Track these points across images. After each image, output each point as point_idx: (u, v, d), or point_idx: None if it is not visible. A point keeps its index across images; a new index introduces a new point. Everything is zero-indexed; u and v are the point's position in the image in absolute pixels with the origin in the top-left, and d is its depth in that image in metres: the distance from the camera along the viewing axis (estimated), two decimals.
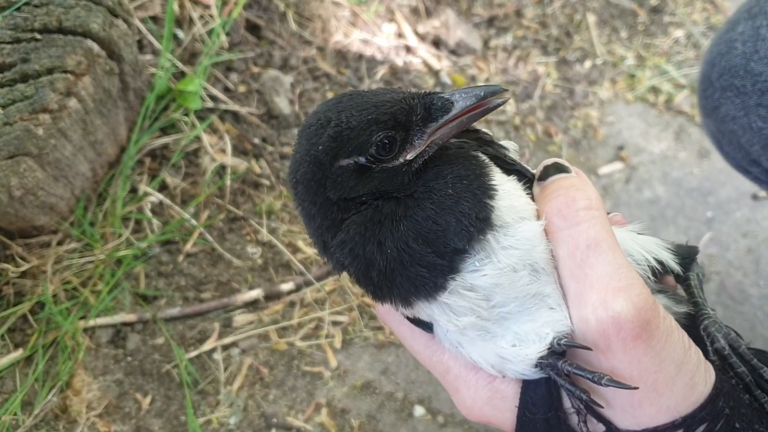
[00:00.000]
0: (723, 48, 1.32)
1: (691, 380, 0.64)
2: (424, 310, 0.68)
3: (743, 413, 0.66)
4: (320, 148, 0.66)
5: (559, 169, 0.73)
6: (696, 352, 0.67)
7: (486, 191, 0.66)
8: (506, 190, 0.69)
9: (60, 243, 1.70)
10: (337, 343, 1.73)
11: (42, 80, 1.42)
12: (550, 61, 2.39)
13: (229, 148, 1.90)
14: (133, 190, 1.80)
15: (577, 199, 0.68)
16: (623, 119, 2.30)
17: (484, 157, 0.71)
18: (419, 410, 1.65)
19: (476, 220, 0.64)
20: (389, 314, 0.77)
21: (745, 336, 0.76)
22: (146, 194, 1.79)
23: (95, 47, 1.49)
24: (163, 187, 1.84)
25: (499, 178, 0.69)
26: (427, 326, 0.74)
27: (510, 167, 0.74)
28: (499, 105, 0.66)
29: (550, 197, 0.69)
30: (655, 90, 2.37)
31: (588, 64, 2.41)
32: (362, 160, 0.66)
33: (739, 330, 0.77)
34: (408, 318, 0.75)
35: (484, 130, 0.78)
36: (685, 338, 0.66)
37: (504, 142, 0.78)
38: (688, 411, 0.64)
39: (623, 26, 2.53)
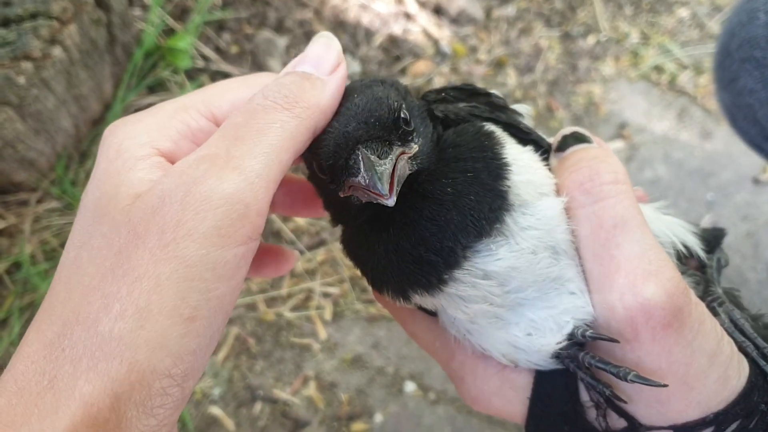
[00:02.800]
0: (744, 18, 1.27)
1: (725, 373, 0.58)
2: (429, 301, 0.62)
3: None
4: None
5: (578, 138, 0.66)
6: (729, 342, 0.60)
7: (500, 172, 0.59)
8: (523, 162, 0.62)
9: (39, 201, 1.62)
10: (327, 315, 1.67)
11: (25, 26, 1.33)
12: (554, 35, 2.33)
13: None
14: None
15: (602, 173, 0.61)
16: (626, 97, 2.24)
17: (494, 128, 0.64)
18: (410, 386, 1.60)
19: (490, 212, 0.57)
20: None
21: None
22: None
23: None
24: None
25: (514, 150, 0.62)
26: (430, 310, 0.67)
27: (525, 136, 0.67)
28: (377, 199, 0.55)
29: (572, 170, 0.62)
30: (658, 69, 2.32)
31: (592, 39, 2.35)
32: (313, 168, 0.62)
33: None
34: None
35: (496, 93, 0.70)
36: (717, 327, 0.60)
37: (517, 106, 0.71)
38: (721, 407, 0.58)
39: (628, 3, 2.47)
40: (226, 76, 1.90)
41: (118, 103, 1.72)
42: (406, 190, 0.57)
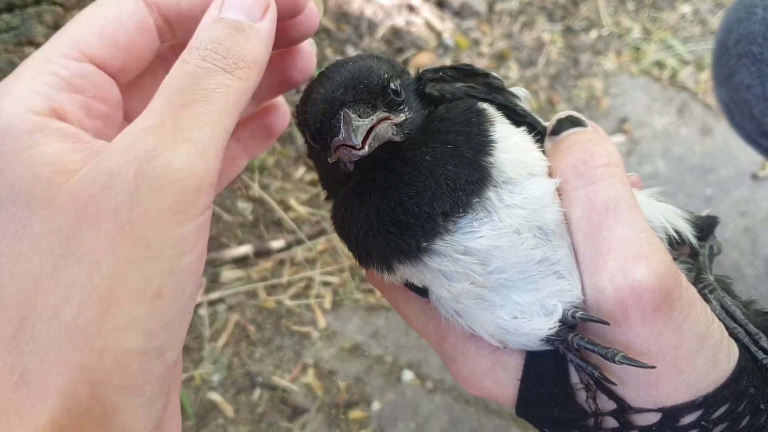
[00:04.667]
0: (742, 13, 1.27)
1: (714, 356, 0.58)
2: (414, 274, 0.62)
3: None
4: None
5: (573, 122, 0.65)
6: (719, 326, 0.60)
7: (482, 148, 0.59)
8: (515, 142, 0.61)
9: None
10: (327, 304, 1.69)
11: (29, 11, 1.34)
12: (556, 29, 2.34)
13: None
14: None
15: (595, 155, 0.60)
16: (627, 92, 2.25)
17: (486, 106, 0.64)
18: (408, 375, 1.61)
19: (466, 184, 0.57)
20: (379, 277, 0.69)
21: None
22: None
23: None
24: None
25: (506, 130, 0.62)
26: (421, 291, 0.66)
27: (520, 118, 0.67)
28: (351, 156, 0.56)
29: (565, 152, 0.62)
30: (659, 64, 2.33)
31: (594, 34, 2.36)
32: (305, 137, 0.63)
33: None
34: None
35: (494, 74, 0.71)
36: (707, 311, 0.60)
37: (514, 89, 0.72)
38: (710, 390, 0.58)
39: None
40: None
41: None
42: (390, 158, 0.58)
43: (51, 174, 0.46)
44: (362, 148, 0.54)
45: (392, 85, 0.60)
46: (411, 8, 2.24)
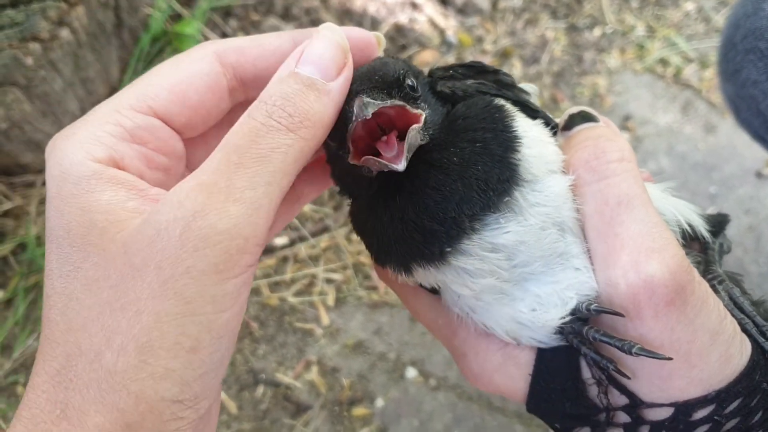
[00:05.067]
0: (749, 8, 1.27)
1: (727, 351, 0.58)
2: (433, 276, 0.61)
3: None
4: None
5: (585, 117, 0.66)
6: (731, 321, 0.60)
7: (510, 144, 0.59)
8: (534, 135, 0.62)
9: (44, 184, 1.63)
10: (330, 301, 1.68)
11: (33, 7, 1.34)
12: (560, 27, 2.33)
13: None
14: None
15: (608, 151, 0.61)
16: (631, 89, 2.24)
17: (504, 102, 0.64)
18: (411, 372, 1.61)
19: (498, 182, 0.57)
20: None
21: None
22: None
23: None
24: None
25: (524, 124, 0.62)
26: (431, 289, 0.67)
27: (533, 114, 0.67)
28: (355, 126, 0.55)
29: (577, 148, 0.62)
30: (663, 62, 2.32)
31: (598, 31, 2.35)
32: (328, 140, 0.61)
33: None
34: None
35: (504, 71, 0.71)
36: (720, 306, 0.60)
37: (523, 85, 0.72)
38: (722, 384, 0.58)
39: None
40: None
41: None
42: (416, 161, 0.57)
43: (106, 222, 0.49)
44: (399, 162, 0.53)
45: (408, 81, 0.60)
46: (414, 5, 2.23)
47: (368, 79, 0.58)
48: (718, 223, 0.78)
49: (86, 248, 0.49)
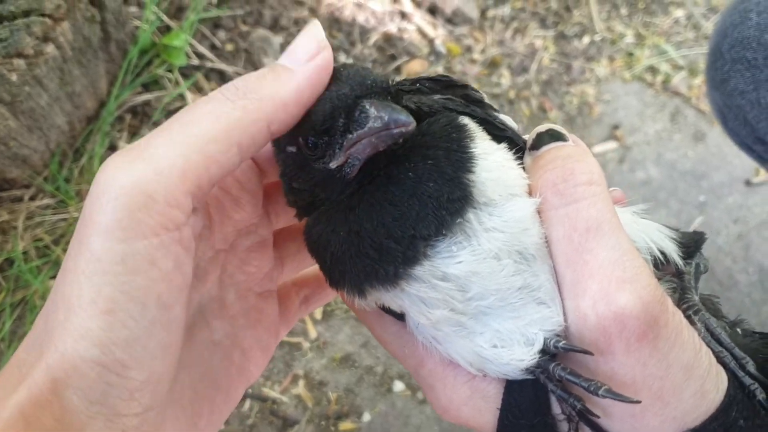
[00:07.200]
0: (736, 18, 1.26)
1: (702, 387, 0.56)
2: (391, 300, 0.60)
3: (759, 425, 0.58)
4: None
5: (554, 136, 0.63)
6: (707, 353, 0.58)
7: (463, 164, 0.57)
8: (494, 159, 0.59)
9: (32, 198, 1.63)
10: (318, 314, 1.68)
11: (18, 23, 1.34)
12: (548, 35, 2.33)
13: None
14: (112, 147, 1.73)
15: (576, 173, 0.58)
16: (619, 98, 2.25)
17: (468, 122, 0.62)
18: (399, 385, 1.61)
19: (448, 202, 0.55)
20: None
21: None
22: None
23: None
24: None
25: (485, 146, 0.60)
26: (398, 315, 0.64)
27: (500, 133, 0.65)
28: (403, 134, 0.55)
29: (545, 169, 0.60)
30: (652, 70, 2.32)
31: (586, 39, 2.35)
32: (296, 150, 0.60)
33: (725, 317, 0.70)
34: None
35: (473, 87, 0.68)
36: (695, 337, 0.58)
37: (502, 117, 0.68)
38: (698, 422, 0.56)
39: (624, 3, 2.47)
40: (220, 73, 1.91)
41: (113, 101, 1.73)
42: (376, 173, 0.57)
43: None
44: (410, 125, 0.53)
45: (391, 89, 0.59)
46: (403, 15, 2.23)
47: (361, 84, 0.57)
48: (694, 242, 0.75)
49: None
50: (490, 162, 0.59)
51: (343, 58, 2.08)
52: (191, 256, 0.54)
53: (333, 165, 0.57)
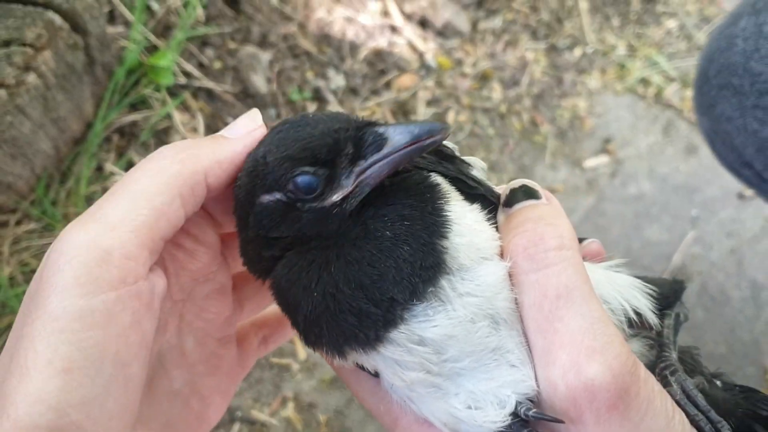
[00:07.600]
0: (723, 43, 1.26)
1: None
2: (367, 361, 0.60)
3: None
4: (238, 182, 0.62)
5: (527, 193, 0.63)
6: (681, 421, 0.57)
7: (437, 229, 0.57)
8: (467, 222, 0.60)
9: (18, 223, 1.62)
10: None
11: None
12: (540, 48, 2.32)
13: (201, 127, 1.82)
14: (99, 169, 1.72)
15: (546, 237, 0.58)
16: (611, 111, 2.24)
17: (441, 181, 0.62)
18: None
19: (421, 269, 0.55)
20: None
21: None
22: (113, 173, 1.72)
23: (57, 19, 1.40)
24: (130, 166, 1.75)
25: (458, 209, 0.60)
26: (373, 372, 0.65)
27: (473, 191, 0.65)
28: (436, 143, 0.57)
29: (516, 232, 0.60)
30: (645, 82, 2.31)
31: (578, 52, 2.34)
32: (280, 196, 0.59)
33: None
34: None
35: (446, 142, 0.67)
36: (668, 404, 0.57)
37: (472, 160, 0.69)
38: None
39: (615, 14, 2.46)
40: (208, 92, 1.90)
41: (99, 122, 1.72)
42: (356, 219, 0.58)
43: None
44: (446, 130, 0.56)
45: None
46: (393, 29, 2.22)
47: (347, 120, 0.59)
48: (673, 293, 0.75)
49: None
50: (463, 226, 0.59)
51: (332, 74, 2.07)
52: (152, 314, 0.55)
53: (337, 197, 0.58)
